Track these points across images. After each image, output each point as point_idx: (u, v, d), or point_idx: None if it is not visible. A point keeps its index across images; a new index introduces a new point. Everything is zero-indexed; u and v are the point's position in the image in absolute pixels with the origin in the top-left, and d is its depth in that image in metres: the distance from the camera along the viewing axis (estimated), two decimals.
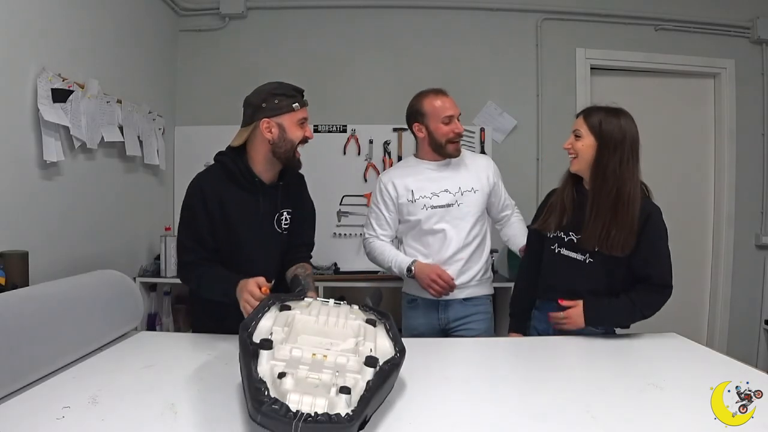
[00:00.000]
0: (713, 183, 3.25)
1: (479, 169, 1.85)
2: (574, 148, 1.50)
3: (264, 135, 1.41)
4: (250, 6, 3.09)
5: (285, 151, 1.43)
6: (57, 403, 0.92)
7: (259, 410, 0.72)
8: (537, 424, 0.90)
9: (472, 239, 1.80)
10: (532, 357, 1.35)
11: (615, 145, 1.42)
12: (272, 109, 1.39)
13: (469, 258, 1.80)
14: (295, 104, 1.40)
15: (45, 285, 1.33)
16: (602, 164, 1.44)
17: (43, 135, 1.81)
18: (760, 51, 3.20)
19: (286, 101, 1.40)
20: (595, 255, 1.47)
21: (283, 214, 1.54)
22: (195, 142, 2.99)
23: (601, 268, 1.47)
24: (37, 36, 1.82)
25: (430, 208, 1.79)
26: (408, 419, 0.89)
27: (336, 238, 3.06)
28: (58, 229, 1.95)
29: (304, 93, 1.47)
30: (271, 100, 1.39)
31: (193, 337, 1.45)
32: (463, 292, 1.80)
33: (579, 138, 1.49)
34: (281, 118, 1.40)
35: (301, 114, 1.43)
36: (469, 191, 1.80)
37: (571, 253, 1.52)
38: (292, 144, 1.43)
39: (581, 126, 1.49)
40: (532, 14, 3.13)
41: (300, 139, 1.44)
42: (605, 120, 1.45)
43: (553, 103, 3.14)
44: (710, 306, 3.26)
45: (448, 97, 1.81)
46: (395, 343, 1.02)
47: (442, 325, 1.82)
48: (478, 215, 1.82)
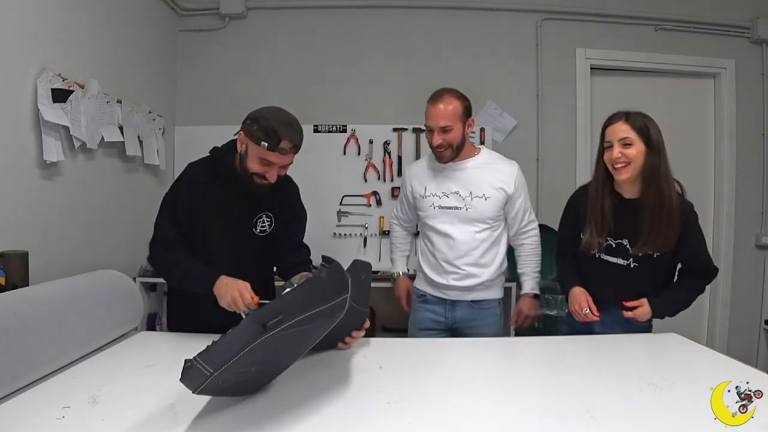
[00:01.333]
0: (713, 183, 3.26)
1: (499, 176, 1.77)
2: (627, 156, 1.44)
3: (239, 144, 1.46)
4: (250, 6, 3.09)
5: (243, 170, 1.44)
6: (57, 403, 0.92)
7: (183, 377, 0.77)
8: (537, 423, 0.90)
9: (479, 244, 1.75)
10: (532, 357, 1.35)
11: (661, 148, 1.45)
12: (249, 130, 1.39)
13: (476, 262, 1.76)
14: (264, 143, 1.35)
15: (45, 285, 1.32)
16: (655, 169, 1.44)
17: (43, 135, 1.81)
18: (760, 51, 3.20)
19: (261, 134, 1.36)
20: (639, 259, 1.48)
21: (261, 216, 1.53)
22: (195, 142, 2.97)
23: (646, 270, 1.49)
24: (37, 36, 1.82)
25: (438, 208, 1.78)
26: (408, 419, 0.89)
27: (336, 238, 3.06)
28: (58, 229, 1.95)
29: (289, 142, 1.38)
30: (255, 123, 1.38)
31: (193, 337, 1.45)
32: (469, 295, 1.78)
33: (629, 146, 1.44)
34: (251, 143, 1.40)
35: (265, 153, 1.37)
36: (480, 197, 1.74)
37: (612, 258, 1.53)
38: (247, 168, 1.42)
39: (629, 133, 1.44)
40: (532, 14, 3.13)
41: (256, 172, 1.41)
42: (649, 124, 1.46)
43: (553, 103, 3.14)
44: (710, 306, 3.26)
45: (438, 106, 1.69)
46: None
47: (449, 323, 1.82)
48: (490, 222, 1.76)
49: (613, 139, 1.46)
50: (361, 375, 1.12)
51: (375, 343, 1.38)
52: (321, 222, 2.95)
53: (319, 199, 1.78)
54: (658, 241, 1.44)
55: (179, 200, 1.47)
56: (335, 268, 0.93)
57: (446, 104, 1.69)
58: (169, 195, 1.52)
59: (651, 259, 1.48)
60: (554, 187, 3.01)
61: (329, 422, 0.85)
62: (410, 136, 3.07)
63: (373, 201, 3.09)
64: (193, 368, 0.74)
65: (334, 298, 0.91)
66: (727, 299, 3.20)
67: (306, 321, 0.84)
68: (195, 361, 0.72)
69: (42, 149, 1.81)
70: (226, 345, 0.74)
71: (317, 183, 2.86)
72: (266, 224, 1.55)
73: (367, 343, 1.36)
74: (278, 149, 1.36)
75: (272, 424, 0.86)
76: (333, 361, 1.20)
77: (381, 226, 3.07)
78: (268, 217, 1.55)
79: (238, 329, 0.74)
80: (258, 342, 0.76)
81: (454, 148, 1.72)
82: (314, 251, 1.68)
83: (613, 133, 1.46)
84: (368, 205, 3.09)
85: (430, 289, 1.84)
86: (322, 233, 2.98)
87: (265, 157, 1.38)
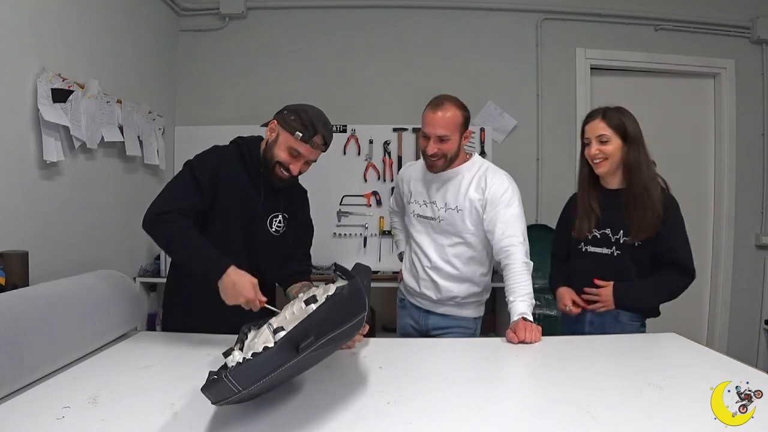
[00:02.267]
0: (713, 183, 3.26)
1: (476, 188, 1.64)
2: (604, 152, 1.52)
3: (267, 132, 1.48)
4: (250, 6, 3.10)
5: (268, 159, 1.45)
6: (57, 403, 0.92)
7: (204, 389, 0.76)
8: (537, 423, 0.90)
9: (451, 258, 1.67)
10: (532, 357, 1.35)
11: (638, 141, 1.51)
12: (285, 120, 1.43)
13: (449, 277, 1.68)
14: (298, 133, 1.40)
15: (45, 285, 1.32)
16: (633, 161, 1.50)
17: (43, 135, 1.81)
18: (760, 51, 3.20)
19: (297, 124, 1.40)
20: (621, 247, 1.53)
21: (278, 216, 1.54)
22: (195, 142, 2.94)
23: (628, 259, 1.53)
24: (37, 36, 1.82)
25: (416, 216, 1.75)
26: (407, 419, 0.89)
27: (336, 238, 3.06)
28: (58, 229, 1.95)
29: (322, 137, 1.43)
30: (294, 114, 1.42)
31: (193, 337, 1.45)
32: (440, 308, 1.73)
33: (606, 142, 1.52)
34: (283, 131, 1.43)
35: (296, 144, 1.40)
36: (453, 209, 1.65)
37: (597, 249, 1.58)
38: (273, 156, 1.44)
39: (605, 130, 1.52)
40: (532, 14, 3.14)
41: (281, 161, 1.43)
42: (624, 119, 1.51)
43: (553, 103, 3.14)
44: (710, 306, 3.26)
45: (437, 113, 1.58)
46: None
47: (423, 330, 1.79)
48: (466, 237, 1.66)
49: (591, 136, 1.54)
50: (361, 375, 1.12)
51: (375, 343, 1.37)
52: (321, 222, 2.91)
53: (319, 199, 1.77)
54: (643, 226, 1.49)
55: (206, 171, 1.40)
56: (355, 285, 0.94)
57: (446, 112, 1.58)
58: (196, 162, 1.43)
59: (633, 248, 1.52)
60: (554, 187, 3.02)
61: (329, 422, 0.85)
62: (410, 136, 3.07)
63: (373, 201, 3.09)
64: (220, 383, 0.73)
65: (355, 318, 0.92)
66: (727, 299, 3.20)
67: (332, 341, 0.85)
68: (225, 377, 0.72)
69: (42, 149, 1.81)
70: (259, 365, 0.73)
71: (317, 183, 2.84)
72: (281, 225, 1.55)
73: (367, 343, 1.36)
74: (311, 142, 1.41)
75: (272, 424, 0.86)
76: (333, 361, 1.19)
77: (381, 226, 3.08)
78: (283, 218, 1.55)
79: (273, 351, 0.74)
80: (290, 364, 0.77)
81: (447, 159, 1.63)
82: (314, 251, 1.68)
83: (591, 130, 1.55)
84: (368, 205, 3.10)
85: (407, 295, 1.84)
86: (322, 233, 2.95)
87: (296, 148, 1.41)
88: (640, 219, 1.49)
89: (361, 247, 3.09)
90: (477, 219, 1.63)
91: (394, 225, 2.09)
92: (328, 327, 0.83)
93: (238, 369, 0.73)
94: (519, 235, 1.56)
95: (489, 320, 2.56)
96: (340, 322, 0.87)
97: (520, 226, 1.59)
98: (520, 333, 1.37)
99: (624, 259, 1.54)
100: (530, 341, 1.36)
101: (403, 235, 2.01)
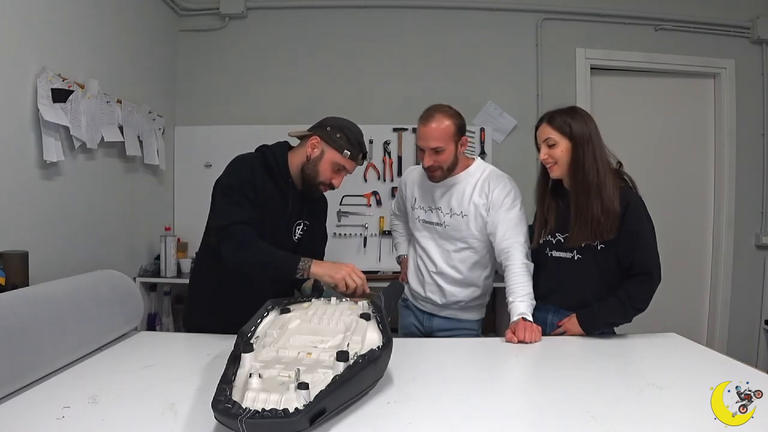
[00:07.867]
0: (713, 183, 3.26)
1: (479, 192, 1.65)
2: (552, 156, 1.51)
3: (307, 148, 1.47)
4: (250, 6, 3.10)
5: (309, 175, 1.47)
6: (57, 403, 0.92)
7: (216, 408, 0.76)
8: (537, 423, 0.90)
9: (457, 263, 1.70)
10: (532, 357, 1.35)
11: (586, 140, 1.48)
12: (330, 137, 1.45)
13: (453, 281, 1.71)
14: (346, 151, 1.44)
15: (45, 285, 1.32)
16: (580, 162, 1.48)
17: (43, 135, 1.81)
18: (760, 51, 3.20)
19: (344, 142, 1.44)
20: (582, 251, 1.50)
21: (301, 224, 1.55)
22: (195, 142, 3.00)
23: (589, 262, 1.50)
24: (37, 36, 1.82)
25: (421, 222, 1.76)
26: (407, 419, 0.89)
27: (336, 238, 3.06)
28: (58, 229, 1.95)
29: (365, 156, 1.53)
30: (337, 132, 1.45)
31: (193, 337, 1.45)
32: (444, 311, 1.76)
33: (553, 146, 1.51)
34: (329, 149, 1.45)
35: (344, 161, 1.46)
36: (458, 215, 1.67)
37: (560, 254, 1.55)
38: (317, 174, 1.46)
39: (551, 133, 1.51)
40: (532, 14, 3.14)
41: (325, 178, 1.47)
42: (570, 121, 1.50)
43: (553, 104, 3.06)
44: (710, 306, 3.26)
45: (429, 126, 1.58)
46: (383, 335, 1.01)
47: (427, 331, 1.81)
48: (471, 242, 1.68)
49: (540, 141, 1.55)
50: None
51: None
52: None
53: None
54: (586, 229, 1.45)
55: (247, 184, 1.40)
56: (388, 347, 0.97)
57: (437, 123, 1.57)
58: (233, 179, 1.42)
59: (594, 250, 1.48)
60: None
61: (329, 422, 0.85)
62: (410, 136, 3.07)
63: (373, 201, 3.09)
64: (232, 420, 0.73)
65: (372, 385, 0.96)
66: (727, 299, 3.20)
67: (343, 408, 0.87)
68: (240, 422, 0.72)
69: (42, 149, 1.81)
70: (274, 426, 0.73)
71: None
72: (302, 232, 1.56)
73: None
74: (359, 159, 1.49)
75: None
76: None
77: (381, 226, 3.08)
78: (304, 226, 1.56)
79: (290, 420, 0.74)
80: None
81: (445, 170, 1.63)
82: None
83: (540, 135, 1.55)
84: (368, 205, 3.10)
85: (411, 298, 1.85)
86: None
87: (343, 164, 1.46)
88: (583, 221, 1.45)
89: (361, 247, 3.09)
90: (481, 224, 1.66)
91: (394, 228, 2.08)
92: (345, 395, 0.86)
93: (254, 422, 0.72)
94: (520, 237, 1.59)
95: (489, 320, 2.56)
96: (358, 391, 0.90)
97: (521, 229, 1.61)
98: (519, 333, 1.37)
99: (584, 263, 1.50)
100: (530, 341, 1.37)
101: (403, 239, 2.02)
